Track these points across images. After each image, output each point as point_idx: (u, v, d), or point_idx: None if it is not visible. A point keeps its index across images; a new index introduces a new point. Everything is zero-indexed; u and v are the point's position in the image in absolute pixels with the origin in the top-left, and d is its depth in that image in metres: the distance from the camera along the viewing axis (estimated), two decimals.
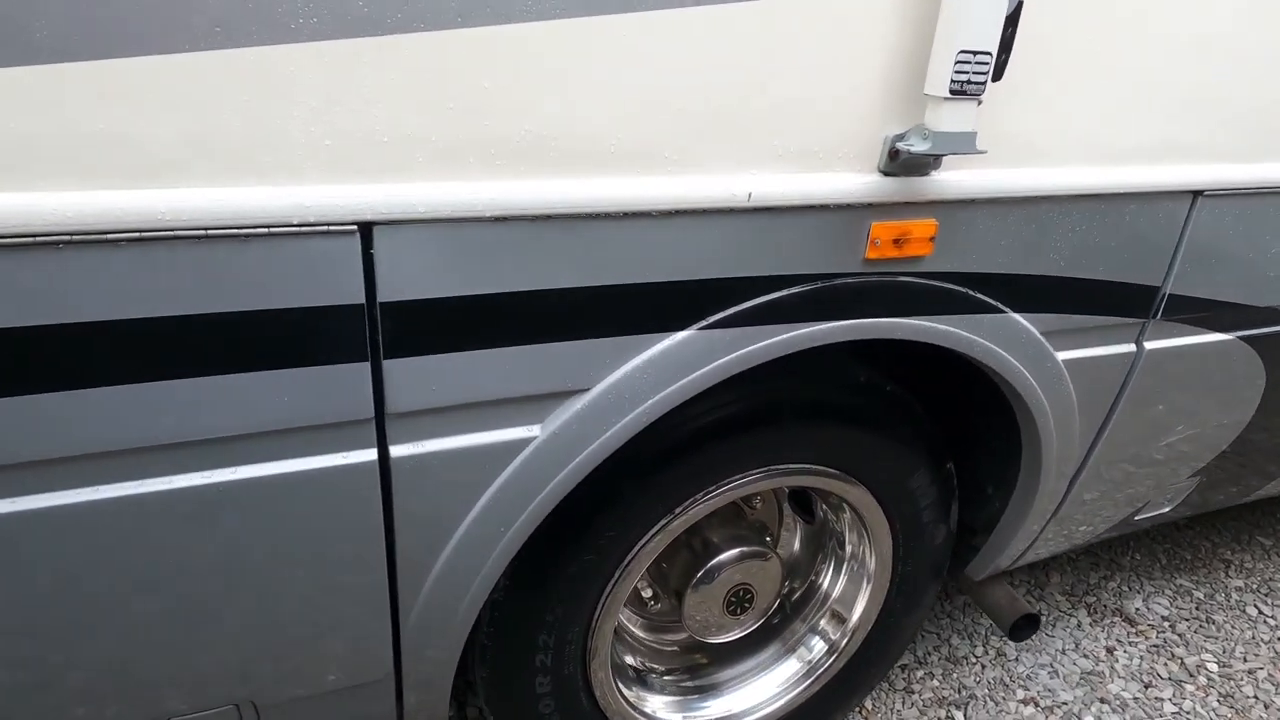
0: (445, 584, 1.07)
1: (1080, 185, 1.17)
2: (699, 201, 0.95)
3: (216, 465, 0.89)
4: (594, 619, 1.33)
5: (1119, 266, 1.28)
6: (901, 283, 1.13)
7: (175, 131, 0.73)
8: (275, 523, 0.94)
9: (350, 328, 0.86)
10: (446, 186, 0.84)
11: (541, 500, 1.05)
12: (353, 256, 0.83)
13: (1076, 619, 2.20)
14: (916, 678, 1.97)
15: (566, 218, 0.90)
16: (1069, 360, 1.35)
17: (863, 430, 1.39)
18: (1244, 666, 2.08)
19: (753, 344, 1.06)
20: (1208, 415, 1.64)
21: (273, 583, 0.99)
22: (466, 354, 0.92)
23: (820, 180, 1.00)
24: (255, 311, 0.82)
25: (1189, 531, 2.60)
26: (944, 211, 1.09)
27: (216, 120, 0.74)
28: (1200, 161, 1.25)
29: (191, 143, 0.74)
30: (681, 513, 1.30)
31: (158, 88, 0.71)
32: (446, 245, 0.86)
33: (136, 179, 0.74)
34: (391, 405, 0.92)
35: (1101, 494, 1.70)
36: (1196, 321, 1.43)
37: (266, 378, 0.85)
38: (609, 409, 1.02)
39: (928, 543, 1.59)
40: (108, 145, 0.72)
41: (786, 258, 1.03)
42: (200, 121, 0.74)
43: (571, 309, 0.95)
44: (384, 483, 0.96)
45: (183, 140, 0.74)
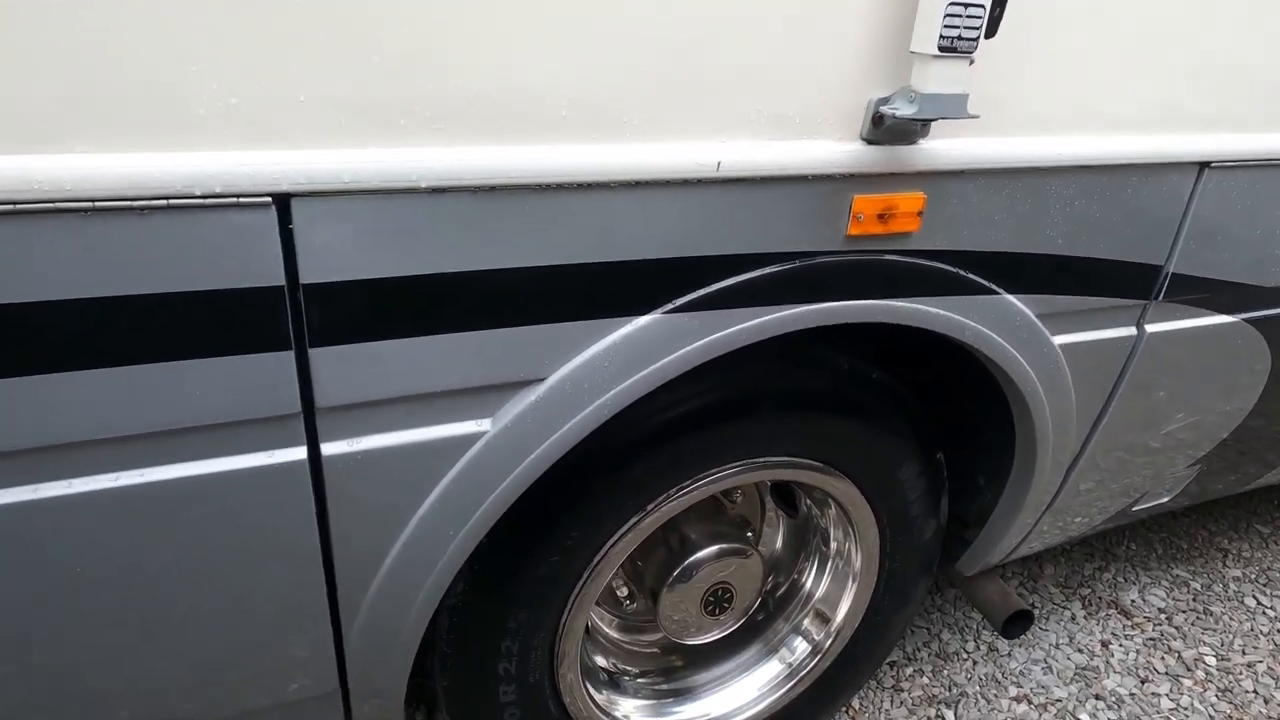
0: (391, 591, 0.99)
1: (1080, 155, 1.08)
2: (663, 171, 0.86)
3: (126, 466, 0.80)
4: (561, 623, 1.25)
5: (1120, 244, 1.20)
6: (886, 262, 1.04)
7: (53, 88, 0.64)
8: (197, 529, 0.85)
9: (270, 313, 0.77)
10: (374, 154, 0.74)
11: (495, 500, 0.96)
12: (269, 232, 0.74)
13: (1071, 612, 2.13)
14: (905, 675, 1.90)
15: (513, 189, 0.80)
16: (1066, 345, 1.26)
17: (847, 420, 1.31)
18: (1243, 660, 2.01)
19: (724, 329, 0.97)
20: (1210, 402, 1.57)
21: (197, 594, 0.90)
22: (404, 342, 0.83)
23: (797, 149, 0.91)
24: (159, 295, 0.72)
25: (1185, 520, 2.53)
26: (932, 184, 1.01)
27: (103, 75, 0.65)
28: (1207, 131, 1.16)
29: (73, 101, 0.65)
30: (653, 510, 1.21)
31: (31, 37, 0.62)
32: (376, 220, 0.77)
33: (7, 143, 0.64)
34: (321, 399, 0.83)
35: (1098, 484, 1.62)
36: (1200, 303, 1.35)
37: (177, 369, 0.76)
38: (566, 401, 0.93)
39: (917, 537, 1.51)
40: None
41: (761, 235, 0.95)
42: (84, 76, 0.64)
43: (522, 291, 0.86)
44: (316, 483, 0.87)
45: (62, 98, 0.64)
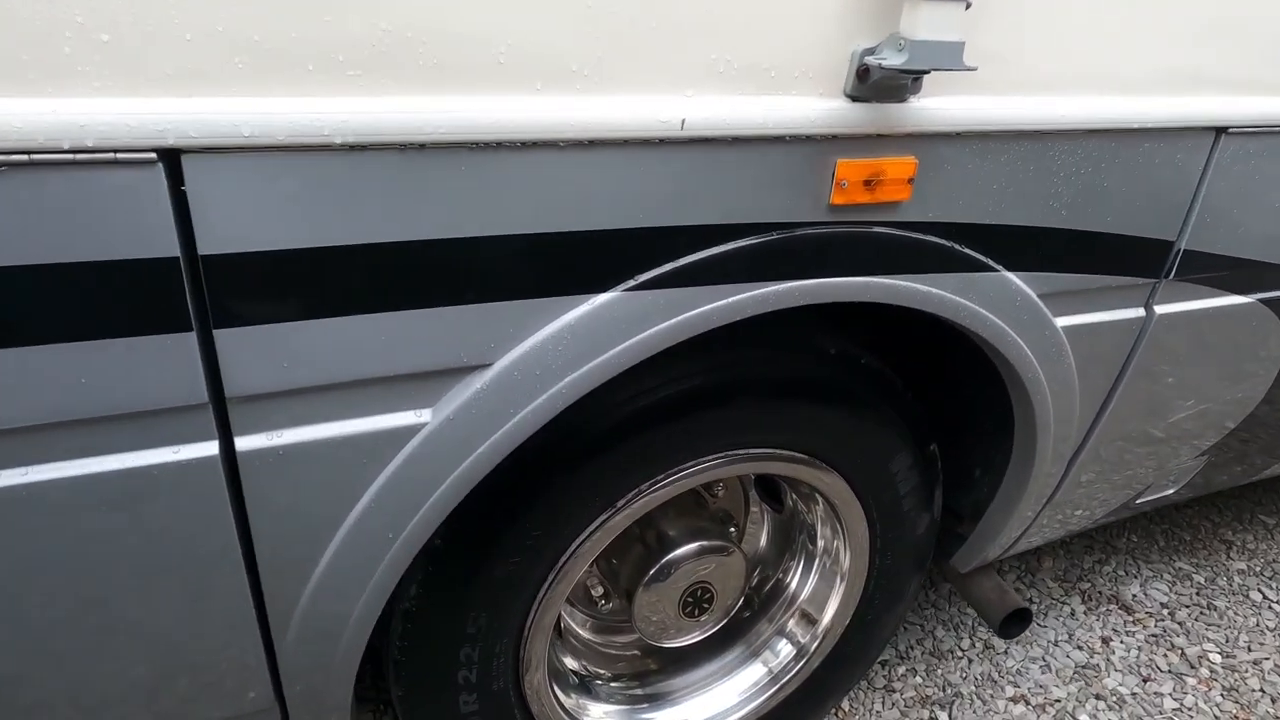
0: (325, 601, 0.89)
1: (1086, 118, 0.98)
2: (619, 129, 0.76)
3: (11, 464, 0.70)
4: (526, 628, 1.16)
5: (1128, 218, 1.10)
6: (874, 234, 0.94)
7: None
8: (102, 532, 0.76)
9: (164, 289, 0.67)
10: (279, 104, 0.64)
11: (438, 500, 0.87)
12: (158, 195, 0.64)
13: (1070, 607, 2.05)
14: (898, 675, 1.81)
15: (445, 147, 0.70)
16: (1069, 327, 1.17)
17: (834, 410, 1.22)
18: (1248, 657, 1.93)
19: (692, 309, 0.88)
20: (1220, 388, 1.48)
21: (110, 606, 0.80)
22: (325, 322, 0.73)
23: (772, 105, 0.81)
24: (31, 268, 0.63)
25: (1188, 511, 2.45)
26: (924, 147, 0.91)
27: None
28: (1225, 93, 1.07)
29: None
30: (624, 506, 1.12)
31: None
32: (286, 181, 0.67)
33: None
34: (231, 387, 0.73)
35: (1101, 476, 1.53)
36: (1213, 282, 1.26)
37: (64, 352, 0.66)
38: (516, 389, 0.84)
39: (909, 533, 1.42)
40: None
41: (733, 203, 0.85)
42: None
43: (460, 265, 0.76)
44: (232, 482, 0.78)
45: None
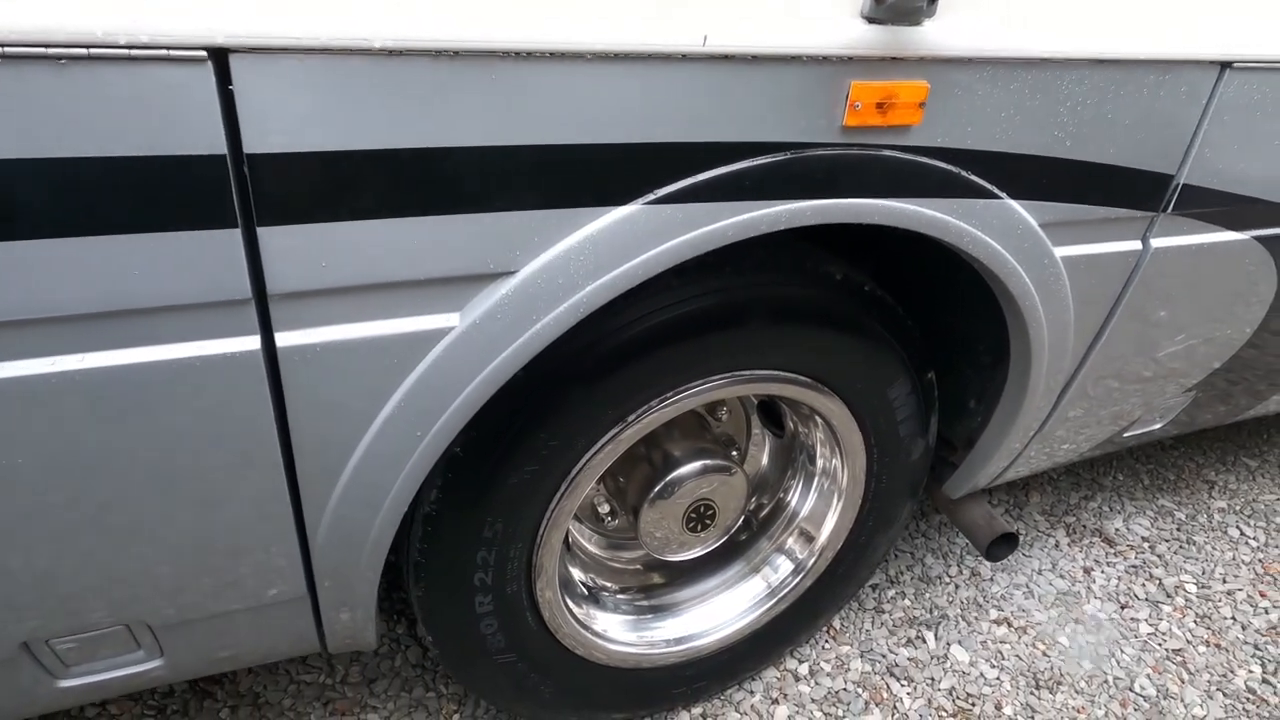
0: (356, 495, 0.95)
1: (1094, 49, 1.01)
2: (644, 44, 0.78)
3: (65, 350, 0.75)
4: (539, 535, 1.22)
5: (1131, 150, 1.13)
6: (885, 157, 0.97)
7: None
8: (148, 418, 0.81)
9: (212, 185, 0.70)
10: (324, 5, 0.67)
11: (464, 401, 0.92)
12: (206, 93, 0.67)
13: (1055, 539, 2.13)
14: (887, 597, 1.90)
15: (479, 54, 0.73)
16: (1067, 257, 1.21)
17: (837, 334, 1.26)
18: (1223, 588, 2.02)
19: (709, 224, 0.91)
20: (1210, 326, 1.52)
21: (145, 491, 0.86)
22: (362, 224, 0.77)
23: (791, 25, 0.83)
24: (86, 160, 0.66)
25: (1173, 452, 2.52)
26: (937, 72, 0.93)
27: None
28: (1231, 28, 1.09)
29: None
30: (634, 421, 1.17)
31: None
32: (328, 83, 0.70)
33: None
34: (274, 284, 0.77)
35: (1089, 410, 1.59)
36: (1210, 218, 1.30)
37: (114, 244, 0.70)
38: (540, 296, 0.88)
39: (904, 458, 1.48)
40: None
41: (751, 121, 0.88)
42: None
43: (490, 173, 0.79)
44: (273, 376, 0.82)
45: None
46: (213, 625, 1.02)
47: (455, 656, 1.30)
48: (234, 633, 1.05)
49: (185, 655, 1.05)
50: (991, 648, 1.80)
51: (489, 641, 1.28)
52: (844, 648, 1.77)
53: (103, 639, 0.96)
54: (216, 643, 1.05)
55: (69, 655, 0.96)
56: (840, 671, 1.71)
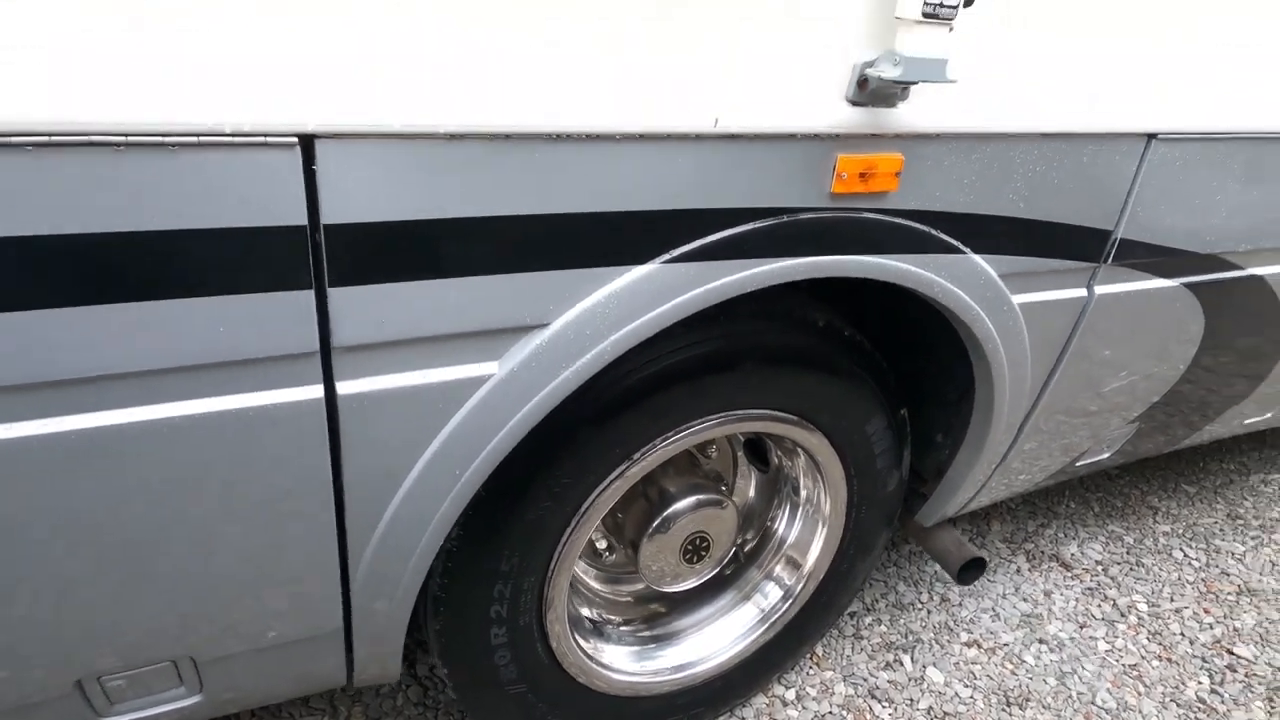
0: (397, 531, 1.02)
1: (1041, 124, 1.16)
2: (664, 126, 0.90)
3: (149, 400, 0.82)
4: (550, 568, 1.30)
5: (1075, 209, 1.29)
6: (867, 219, 1.10)
7: (107, 31, 0.65)
8: (210, 464, 0.88)
9: (291, 252, 0.79)
10: (400, 99, 0.77)
11: (499, 442, 1.01)
12: (293, 172, 0.76)
13: (1016, 565, 2.27)
14: (865, 624, 2.00)
15: (524, 138, 0.84)
16: (1024, 304, 1.35)
17: (822, 375, 1.38)
18: (1171, 606, 2.17)
19: (718, 279, 1.03)
20: (1148, 363, 1.68)
21: (209, 530, 0.92)
22: (418, 284, 0.87)
23: (788, 108, 0.96)
24: (184, 232, 0.75)
25: (1119, 480, 2.70)
26: (910, 146, 1.07)
27: (136, 8, 0.66)
28: (1157, 105, 1.26)
29: (117, 42, 0.66)
30: (640, 459, 1.27)
31: None
32: (397, 163, 0.80)
33: (44, 78, 0.66)
34: (338, 338, 0.86)
35: (1044, 442, 1.73)
36: (1144, 267, 1.46)
37: (198, 305, 0.78)
38: (570, 346, 0.98)
39: (881, 489, 1.60)
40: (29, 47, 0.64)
41: (753, 189, 1.00)
42: (119, 11, 0.66)
43: (531, 238, 0.90)
44: (331, 421, 0.90)
45: (109, 41, 0.66)
46: (252, 660, 1.07)
47: (469, 688, 1.36)
48: (270, 667, 1.10)
49: (222, 690, 1.09)
50: (964, 668, 1.91)
51: (502, 673, 1.35)
52: (827, 673, 1.86)
53: (150, 675, 1.01)
54: (253, 677, 1.11)
55: (116, 692, 1.01)
56: (825, 696, 1.80)
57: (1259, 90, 1.34)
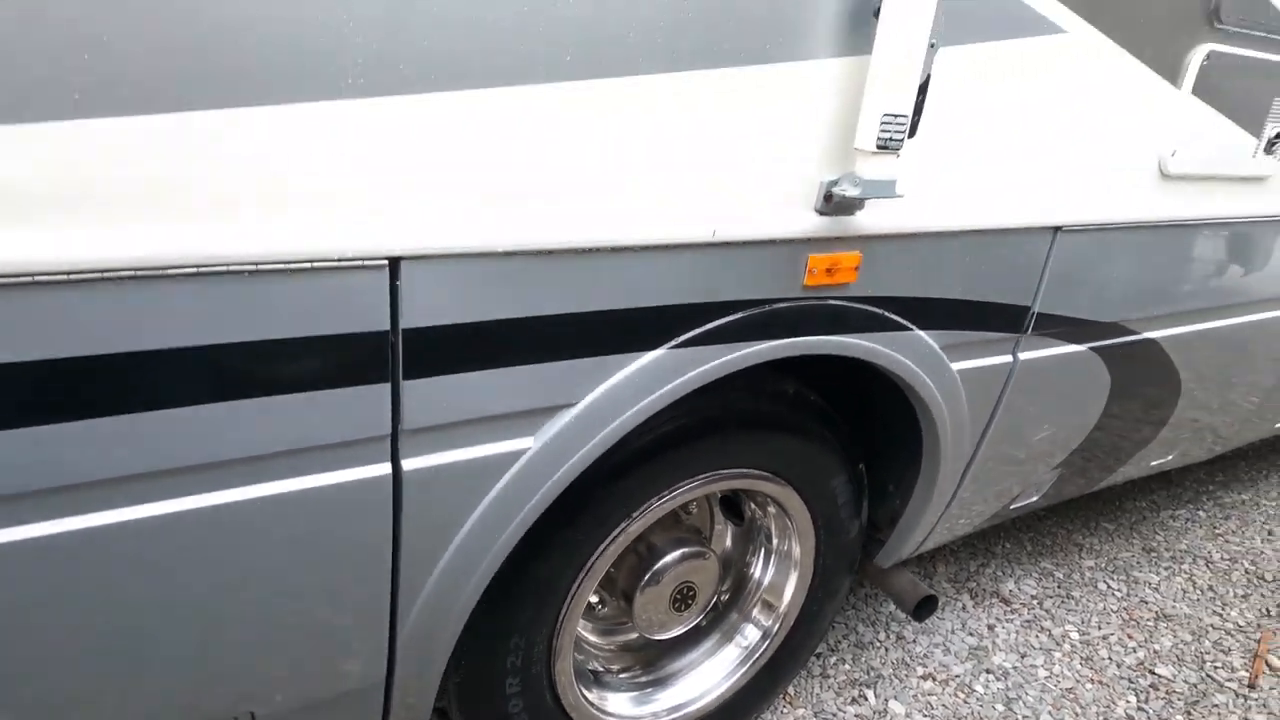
0: (441, 590, 1.15)
1: (969, 223, 1.40)
2: (673, 238, 1.09)
3: (243, 483, 0.95)
4: (560, 620, 1.43)
5: (1001, 289, 1.53)
6: (833, 305, 1.31)
7: (236, 177, 0.81)
8: (291, 536, 1.01)
9: (375, 352, 0.95)
10: (466, 226, 0.94)
11: (531, 507, 1.16)
12: (381, 288, 0.92)
13: (961, 602, 2.47)
14: (830, 663, 2.17)
15: (564, 253, 1.02)
16: (962, 370, 1.58)
17: (793, 437, 1.57)
18: (1099, 633, 2.40)
19: (715, 360, 1.21)
20: (1066, 416, 1.93)
21: (282, 595, 1.04)
22: (473, 374, 1.02)
23: (771, 219, 1.17)
24: (293, 339, 0.89)
25: (1048, 521, 2.95)
26: (866, 245, 1.29)
27: (275, 168, 0.82)
28: (1061, 204, 1.51)
29: (256, 185, 0.82)
30: (639, 516, 1.43)
31: (222, 141, 0.79)
32: (461, 277, 0.97)
33: (195, 218, 0.81)
34: (406, 422, 1.01)
35: (982, 488, 1.95)
36: (1058, 335, 1.71)
37: (298, 400, 0.92)
38: (593, 421, 1.14)
39: (844, 537, 1.79)
40: (173, 189, 0.79)
41: (741, 285, 1.20)
42: (263, 170, 0.82)
43: (564, 332, 1.07)
44: (395, 494, 1.04)
45: (244, 186, 0.81)
46: (300, 714, 1.18)
47: None
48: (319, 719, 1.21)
49: None
50: (922, 700, 2.09)
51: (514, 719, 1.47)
52: (799, 710, 2.01)
53: None
54: None
55: None
56: None
57: (1132, 191, 1.61)
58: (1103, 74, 1.43)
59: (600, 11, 0.93)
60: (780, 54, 1.08)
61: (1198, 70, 1.54)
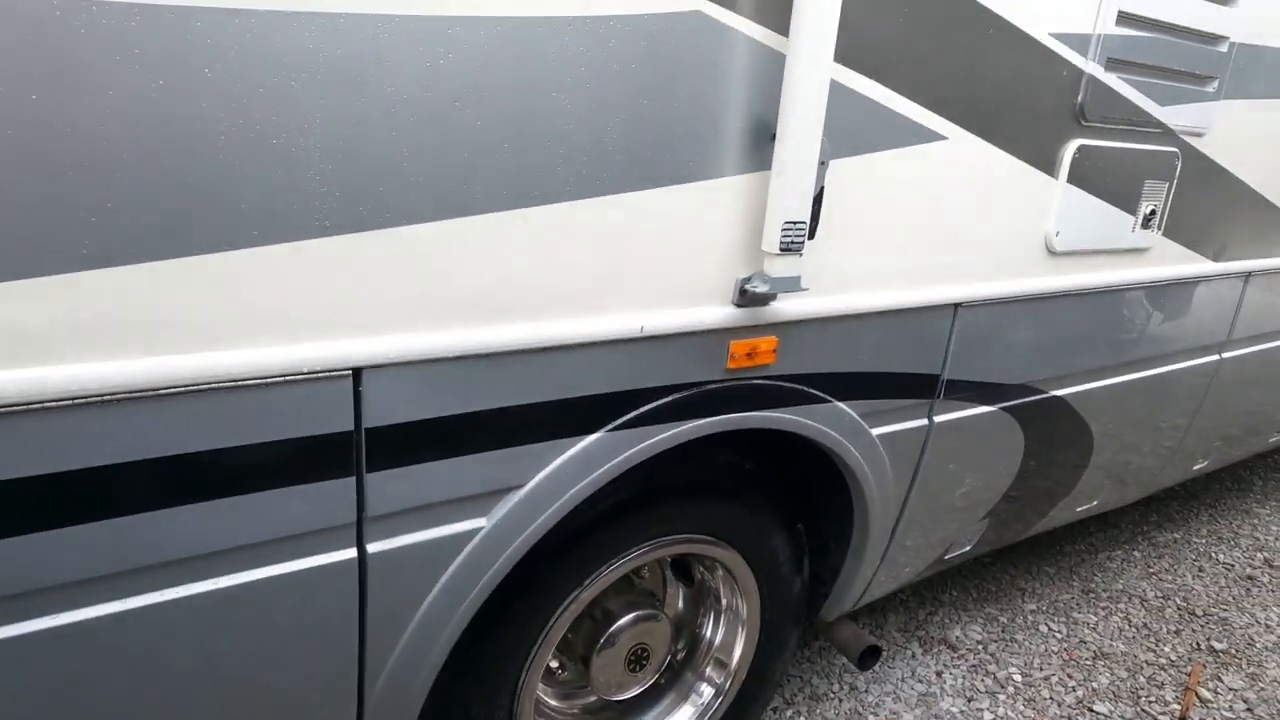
0: (406, 661, 1.26)
1: (874, 305, 1.57)
2: (606, 334, 1.24)
3: (215, 575, 1.06)
4: (520, 682, 1.53)
5: (910, 361, 1.70)
6: (755, 384, 1.46)
7: (222, 308, 0.94)
8: (264, 619, 1.11)
9: (340, 450, 1.07)
10: (419, 336, 1.08)
11: (487, 580, 1.27)
12: (346, 394, 1.05)
13: (911, 650, 2.59)
14: (785, 716, 2.26)
15: (507, 354, 1.16)
16: (881, 435, 1.73)
17: (731, 503, 1.71)
18: (1040, 674, 2.53)
19: (649, 439, 1.36)
20: (986, 470, 2.10)
21: (255, 677, 1.14)
22: (431, 464, 1.15)
23: (693, 313, 1.32)
24: (268, 443, 1.02)
25: (992, 568, 3.10)
26: (781, 330, 1.45)
27: (255, 296, 0.96)
28: (958, 282, 1.70)
29: (237, 314, 0.95)
30: (590, 584, 1.54)
31: (209, 278, 0.93)
32: (416, 380, 1.10)
33: (189, 347, 0.94)
34: (370, 510, 1.13)
35: (916, 540, 2.09)
36: (969, 398, 1.88)
37: (271, 495, 1.05)
38: (541, 499, 1.27)
39: (787, 593, 1.91)
40: (169, 326, 0.92)
41: (671, 371, 1.35)
42: (242, 298, 0.95)
43: (512, 422, 1.20)
44: (361, 575, 1.16)
45: (229, 313, 0.95)
46: None
47: None
48: None
49: None
50: None
51: None
52: None
53: None
54: None
55: None
56: None
57: (1023, 268, 1.81)
58: (983, 169, 1.63)
59: (531, 150, 1.09)
60: (695, 174, 1.25)
61: (1070, 162, 1.76)
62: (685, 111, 1.20)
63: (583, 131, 1.12)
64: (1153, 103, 1.87)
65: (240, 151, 0.91)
